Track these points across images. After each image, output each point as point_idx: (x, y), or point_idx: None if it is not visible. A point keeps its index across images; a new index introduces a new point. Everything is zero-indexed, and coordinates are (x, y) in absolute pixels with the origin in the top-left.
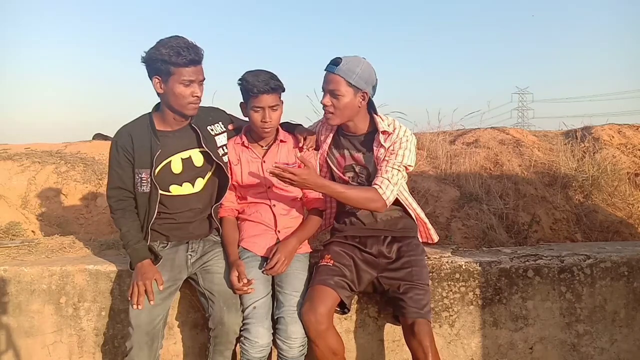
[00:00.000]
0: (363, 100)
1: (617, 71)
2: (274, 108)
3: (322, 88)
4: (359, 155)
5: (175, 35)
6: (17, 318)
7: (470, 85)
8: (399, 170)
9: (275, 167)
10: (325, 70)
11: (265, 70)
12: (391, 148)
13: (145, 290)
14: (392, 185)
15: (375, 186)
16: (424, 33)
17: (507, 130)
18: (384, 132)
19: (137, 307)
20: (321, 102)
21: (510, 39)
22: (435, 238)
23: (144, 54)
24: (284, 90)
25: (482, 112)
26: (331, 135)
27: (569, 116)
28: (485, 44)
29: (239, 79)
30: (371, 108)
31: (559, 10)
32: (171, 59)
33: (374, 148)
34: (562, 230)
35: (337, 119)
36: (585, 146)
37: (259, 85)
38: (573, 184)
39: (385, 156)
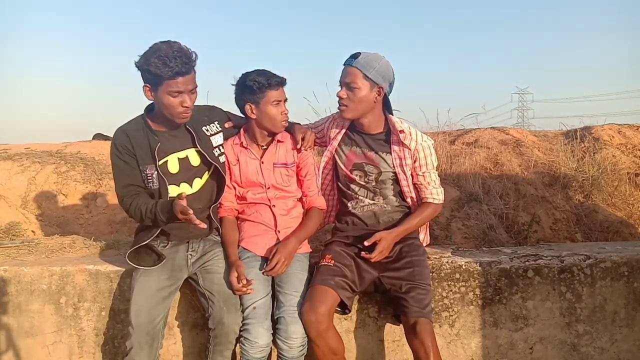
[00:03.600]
0: (379, 95)
1: (617, 71)
2: (285, 102)
3: (339, 82)
4: (372, 154)
5: (168, 41)
6: (17, 318)
7: (470, 85)
8: (434, 172)
9: (370, 258)
10: (343, 64)
11: (264, 69)
12: (417, 156)
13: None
14: (438, 188)
15: (429, 198)
16: (424, 32)
17: (507, 130)
18: (402, 131)
19: (201, 224)
20: (337, 95)
21: (510, 39)
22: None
23: (137, 58)
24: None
25: (481, 112)
26: (343, 131)
27: (569, 116)
28: (485, 44)
29: (247, 81)
30: (387, 108)
31: (559, 10)
32: (157, 70)
33: (395, 148)
34: (562, 230)
35: (351, 113)
36: (585, 146)
37: (274, 79)
38: (573, 184)
39: (414, 164)
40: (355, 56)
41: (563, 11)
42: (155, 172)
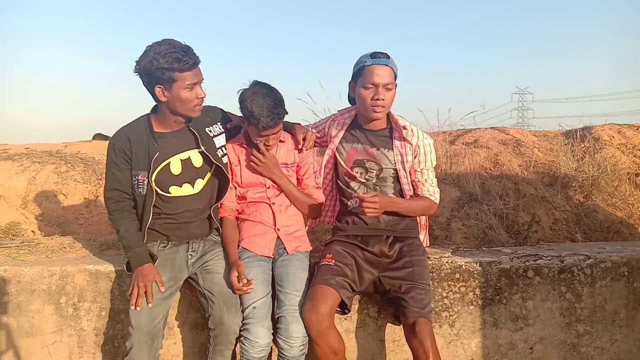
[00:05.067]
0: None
1: (617, 71)
2: (276, 135)
3: (373, 83)
4: (373, 150)
5: (167, 40)
6: (17, 318)
7: (470, 85)
8: (433, 171)
9: (357, 199)
10: (377, 63)
11: (268, 95)
12: (417, 152)
13: (145, 292)
14: (435, 187)
15: (426, 194)
16: (423, 31)
17: (507, 130)
18: (404, 127)
19: (136, 309)
20: (380, 98)
21: (510, 38)
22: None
23: (137, 65)
24: (287, 114)
25: (481, 112)
26: (345, 129)
27: (569, 116)
28: (485, 43)
29: (243, 106)
30: None
31: (559, 10)
32: (172, 66)
33: (397, 144)
34: (562, 230)
35: (384, 112)
36: (585, 146)
37: (265, 121)
38: (573, 184)
39: (414, 160)
40: (385, 55)
41: (563, 11)
42: (146, 180)
